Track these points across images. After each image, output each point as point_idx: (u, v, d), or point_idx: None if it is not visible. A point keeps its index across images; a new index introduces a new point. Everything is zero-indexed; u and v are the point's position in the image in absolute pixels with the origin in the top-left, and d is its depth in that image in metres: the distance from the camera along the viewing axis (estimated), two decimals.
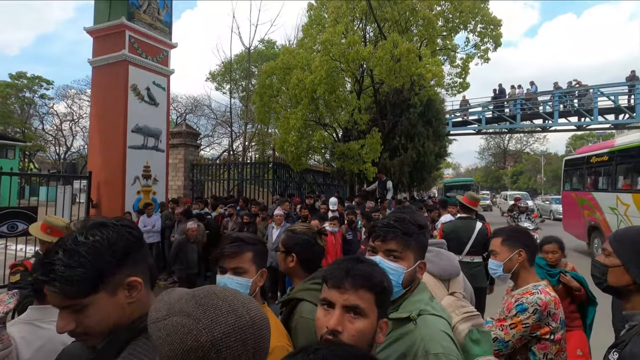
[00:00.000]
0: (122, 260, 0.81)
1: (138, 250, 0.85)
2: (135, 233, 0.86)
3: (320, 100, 8.95)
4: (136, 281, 0.83)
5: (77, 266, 0.76)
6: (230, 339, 0.59)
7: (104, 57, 8.34)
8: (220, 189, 10.97)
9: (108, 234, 0.81)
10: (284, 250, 1.67)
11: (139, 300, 0.84)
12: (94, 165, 8.51)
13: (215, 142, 29.24)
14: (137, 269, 0.85)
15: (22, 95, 32.24)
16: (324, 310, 0.91)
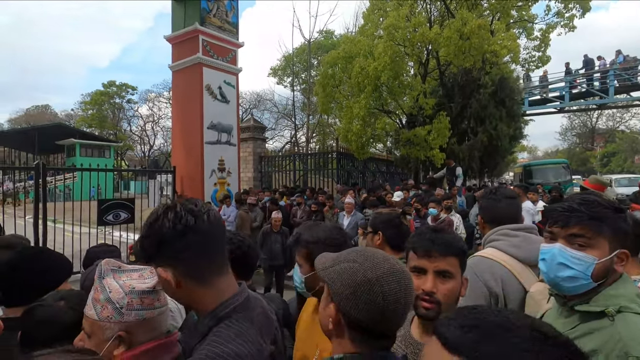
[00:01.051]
0: (154, 250, 0.85)
1: (171, 244, 0.83)
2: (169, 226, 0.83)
3: (383, 87, 8.80)
4: (160, 273, 0.85)
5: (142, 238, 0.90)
6: (389, 277, 0.76)
7: (181, 62, 9.12)
8: (287, 179, 11.43)
9: (151, 221, 0.86)
10: (371, 230, 1.77)
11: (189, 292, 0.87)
12: (177, 161, 9.44)
13: (278, 134, 30.40)
14: (171, 262, 0.84)
15: (113, 101, 36.69)
16: (415, 276, 1.03)
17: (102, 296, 0.97)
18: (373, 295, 0.75)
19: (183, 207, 0.85)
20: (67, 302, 1.15)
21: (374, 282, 0.76)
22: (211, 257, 0.88)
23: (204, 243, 0.86)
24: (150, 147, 36.78)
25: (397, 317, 0.77)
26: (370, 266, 0.78)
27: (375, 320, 0.75)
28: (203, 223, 0.85)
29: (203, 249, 0.86)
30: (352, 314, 0.76)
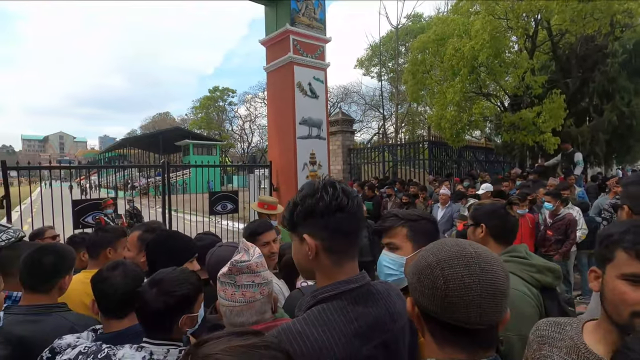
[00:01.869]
0: (304, 216, 0.90)
1: (322, 216, 0.88)
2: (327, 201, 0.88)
3: (481, 68, 8.01)
4: (307, 240, 0.89)
5: (288, 206, 0.95)
6: (453, 261, 0.73)
7: (275, 63, 9.70)
8: (376, 171, 11.33)
9: (309, 191, 0.92)
10: (472, 222, 1.65)
11: (322, 263, 0.91)
12: (273, 156, 10.14)
13: (366, 126, 30.25)
14: (318, 231, 0.90)
15: (217, 104, 41.07)
16: (630, 284, 0.83)
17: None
18: (434, 279, 0.73)
19: (340, 186, 0.91)
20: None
21: (434, 266, 0.74)
22: (350, 239, 0.92)
23: (348, 224, 0.90)
24: (248, 144, 40.24)
25: (469, 307, 0.69)
26: (433, 250, 0.77)
27: (438, 306, 0.72)
28: (353, 206, 0.90)
29: (346, 229, 0.90)
30: (420, 301, 0.76)
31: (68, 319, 1.47)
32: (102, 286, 1.32)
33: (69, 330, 1.43)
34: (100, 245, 2.00)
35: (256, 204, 3.35)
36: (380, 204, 7.49)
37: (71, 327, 1.46)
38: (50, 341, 1.36)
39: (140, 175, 23.36)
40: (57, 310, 1.48)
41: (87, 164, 17.63)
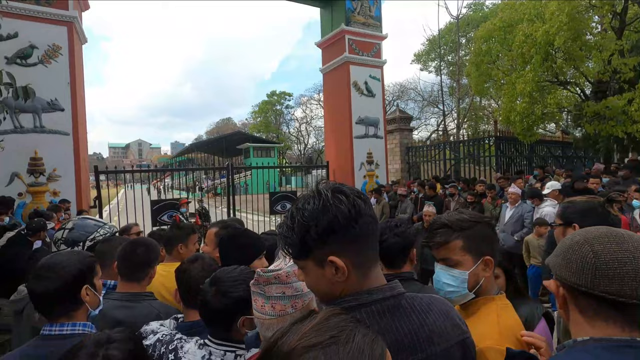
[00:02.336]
0: (324, 237, 0.75)
1: (346, 230, 0.75)
2: (345, 211, 0.75)
3: (558, 54, 7.24)
4: (336, 262, 0.76)
5: (290, 230, 0.79)
6: (603, 239, 0.75)
7: (330, 63, 9.77)
8: (436, 169, 10.85)
9: (317, 206, 0.76)
10: (562, 222, 1.48)
11: (350, 281, 0.78)
12: (329, 156, 10.22)
13: (424, 123, 29.14)
14: (343, 249, 0.76)
15: (274, 108, 42.56)
16: None
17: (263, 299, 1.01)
18: (583, 254, 0.75)
19: (348, 189, 0.79)
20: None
21: (582, 243, 0.76)
22: (374, 244, 0.82)
23: (371, 229, 0.79)
24: (305, 146, 41.07)
25: (623, 280, 0.70)
26: (580, 232, 0.79)
27: (588, 279, 0.73)
28: (369, 207, 0.80)
29: (370, 235, 0.79)
30: (566, 277, 0.77)
31: (154, 307, 1.62)
32: (183, 277, 1.42)
33: (155, 317, 1.56)
34: (174, 241, 2.17)
35: None
36: (442, 203, 7.14)
37: (157, 314, 1.59)
38: (140, 325, 1.49)
39: (207, 177, 25.08)
40: (146, 298, 1.63)
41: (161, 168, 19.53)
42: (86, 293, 1.22)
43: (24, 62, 5.81)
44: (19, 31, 5.70)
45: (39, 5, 5.89)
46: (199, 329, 1.30)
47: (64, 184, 6.08)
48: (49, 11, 5.98)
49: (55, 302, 1.17)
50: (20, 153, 5.72)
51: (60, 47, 6.08)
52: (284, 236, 0.81)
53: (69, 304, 1.19)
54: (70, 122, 6.14)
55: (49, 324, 1.17)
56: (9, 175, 5.73)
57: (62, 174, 6.07)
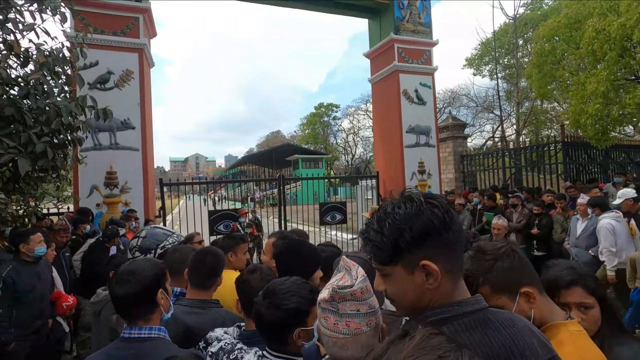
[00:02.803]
0: (418, 240, 0.76)
1: (440, 235, 0.76)
2: (440, 215, 0.76)
3: (637, 48, 6.50)
4: (430, 266, 0.75)
5: (379, 234, 0.79)
6: None
7: (379, 73, 9.71)
8: (494, 178, 10.19)
9: (410, 210, 0.77)
10: None
11: (441, 289, 0.78)
12: (379, 166, 10.08)
13: (478, 131, 27.72)
14: (437, 254, 0.77)
15: (322, 120, 43.21)
16: None
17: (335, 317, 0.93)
18: None
19: (439, 197, 0.80)
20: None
21: None
22: (461, 254, 0.82)
23: (459, 237, 0.80)
24: (352, 156, 41.04)
25: None
26: None
27: None
28: (457, 217, 0.81)
29: (458, 243, 0.79)
30: None
31: (221, 314, 1.67)
32: (243, 287, 1.45)
33: (221, 324, 1.61)
34: (225, 250, 2.21)
35: (368, 214, 3.31)
36: (504, 214, 6.66)
37: (223, 321, 1.64)
38: (206, 330, 1.54)
39: (258, 189, 26.00)
40: (213, 305, 1.69)
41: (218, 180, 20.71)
42: (161, 297, 1.29)
43: (102, 86, 6.51)
44: (99, 60, 6.41)
45: (116, 36, 6.59)
46: (259, 338, 1.32)
47: (134, 196, 6.63)
48: (123, 40, 6.66)
49: (135, 305, 1.25)
50: (98, 168, 6.36)
51: (132, 71, 6.72)
52: (371, 240, 0.80)
53: (147, 307, 1.27)
54: (139, 139, 6.72)
55: (128, 327, 1.25)
56: (89, 188, 6.38)
57: (133, 186, 6.63)
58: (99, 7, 6.43)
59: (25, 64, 3.49)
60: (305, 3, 9.01)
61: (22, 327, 2.93)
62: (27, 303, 2.97)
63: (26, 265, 3.04)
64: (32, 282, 3.03)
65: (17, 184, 3.85)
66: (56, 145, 3.68)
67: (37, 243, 3.05)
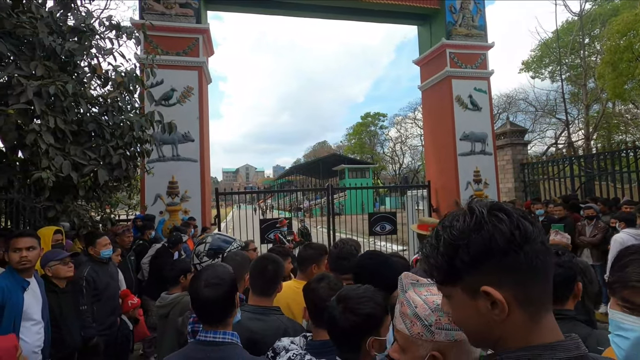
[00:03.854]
0: (477, 261, 0.64)
1: (505, 255, 0.62)
2: (506, 232, 0.62)
3: None
4: (492, 294, 0.62)
5: (435, 250, 0.69)
6: None
7: (430, 80, 9.44)
8: (560, 188, 9.34)
9: (469, 224, 0.65)
10: None
11: (512, 323, 0.64)
12: (431, 175, 9.72)
13: (537, 137, 25.75)
14: (503, 279, 0.63)
15: (369, 130, 42.98)
16: None
17: (409, 311, 0.93)
18: None
19: (514, 210, 0.66)
20: None
21: None
22: (548, 280, 0.65)
23: (542, 260, 0.63)
24: (400, 166, 40.18)
25: None
26: None
27: None
28: (539, 233, 0.64)
29: (537, 267, 0.63)
30: None
31: (283, 321, 1.67)
32: (311, 296, 1.44)
33: (284, 332, 1.61)
34: (309, 261, 2.22)
35: (416, 226, 3.15)
36: (574, 227, 6.06)
37: (285, 329, 1.64)
38: (269, 337, 1.54)
39: (305, 198, 26.37)
40: (275, 312, 1.70)
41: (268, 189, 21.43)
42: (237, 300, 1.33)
43: (166, 102, 7.05)
44: (164, 78, 6.96)
45: (178, 56, 7.13)
46: (327, 349, 1.29)
47: (193, 204, 7.04)
48: (185, 59, 7.18)
49: (220, 308, 1.29)
50: (162, 178, 6.85)
51: (192, 88, 7.21)
52: (427, 256, 0.71)
53: (229, 310, 1.31)
54: (198, 151, 7.15)
55: (204, 331, 1.28)
56: (153, 196, 6.89)
57: (192, 195, 7.04)
58: (165, 30, 7.02)
59: (105, 84, 3.88)
60: (354, 15, 9.09)
61: (100, 323, 3.20)
62: (103, 300, 3.25)
63: (101, 266, 3.32)
64: (107, 280, 3.31)
65: (95, 192, 4.26)
66: (128, 157, 4.02)
67: (102, 246, 3.33)
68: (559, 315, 1.27)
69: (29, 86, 2.79)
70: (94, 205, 5.39)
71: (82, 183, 3.49)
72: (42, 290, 2.63)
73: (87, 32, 3.61)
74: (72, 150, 3.28)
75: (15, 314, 2.35)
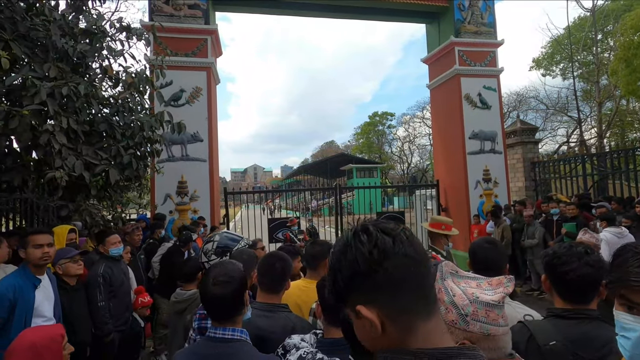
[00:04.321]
0: (348, 284, 0.66)
1: (367, 276, 0.64)
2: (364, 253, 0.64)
3: None
4: (361, 312, 0.65)
5: (328, 275, 0.73)
6: None
7: (439, 78, 9.37)
8: (571, 187, 9.18)
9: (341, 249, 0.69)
10: None
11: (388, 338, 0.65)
12: (439, 174, 9.65)
13: (548, 135, 25.35)
14: (371, 298, 0.65)
15: (376, 129, 42.80)
16: None
17: (446, 298, 0.96)
18: None
19: (377, 226, 0.68)
20: None
21: None
22: (415, 291, 0.66)
23: (405, 272, 0.65)
24: (408, 165, 39.94)
25: None
26: None
27: None
28: (402, 246, 0.65)
29: (402, 281, 0.65)
30: None
31: (291, 319, 1.68)
32: (324, 293, 1.43)
33: (292, 330, 1.61)
34: (319, 258, 2.20)
35: (428, 224, 3.15)
36: (586, 227, 5.95)
37: (293, 326, 1.64)
38: (277, 334, 1.55)
39: (313, 198, 26.39)
40: (282, 310, 1.71)
41: (277, 189, 21.53)
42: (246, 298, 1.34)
43: (175, 103, 7.12)
44: (173, 79, 7.04)
45: (187, 57, 7.20)
46: (340, 347, 1.29)
47: (202, 204, 7.10)
48: (194, 60, 7.25)
49: (230, 306, 1.30)
50: (171, 178, 6.93)
51: (201, 88, 7.27)
52: (328, 281, 0.73)
53: (238, 308, 1.32)
54: (207, 151, 7.21)
55: (214, 328, 1.30)
56: (163, 196, 6.97)
57: (200, 195, 7.10)
58: (174, 31, 7.09)
59: (116, 85, 3.94)
60: (362, 14, 9.06)
61: (117, 319, 3.27)
62: (119, 297, 3.30)
63: (114, 263, 3.38)
64: (121, 277, 3.36)
65: (107, 192, 4.33)
66: (139, 157, 4.08)
67: (111, 244, 3.38)
68: (583, 315, 1.25)
69: (42, 87, 2.85)
70: (105, 204, 5.47)
71: (94, 182, 3.56)
72: (55, 287, 2.69)
73: (98, 34, 3.67)
74: (84, 150, 3.35)
75: (26, 311, 2.40)
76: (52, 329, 1.64)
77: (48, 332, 1.54)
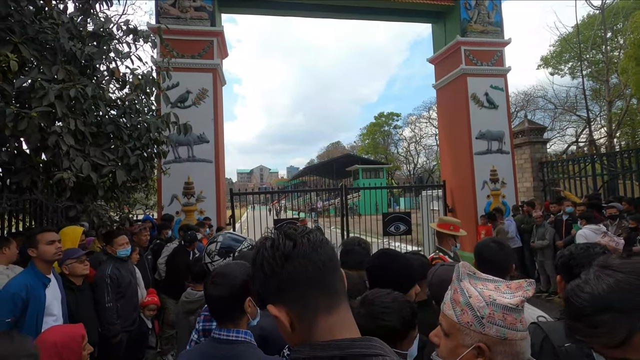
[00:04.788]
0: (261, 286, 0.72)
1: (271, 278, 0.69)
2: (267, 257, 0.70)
3: None
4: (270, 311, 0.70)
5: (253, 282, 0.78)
6: None
7: (445, 78, 9.31)
8: (581, 187, 9.05)
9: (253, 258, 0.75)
10: None
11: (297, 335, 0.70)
12: (446, 174, 9.58)
13: (557, 135, 25.04)
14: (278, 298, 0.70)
15: (382, 130, 42.68)
16: None
17: (462, 299, 0.95)
18: None
19: (281, 232, 0.74)
20: None
21: None
22: (316, 289, 0.70)
23: (305, 272, 0.69)
24: (414, 166, 39.75)
25: None
26: None
27: None
28: (303, 247, 0.70)
29: (305, 279, 0.69)
30: None
31: None
32: None
33: None
34: None
35: (436, 224, 3.13)
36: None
37: None
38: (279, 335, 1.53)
39: (319, 199, 26.39)
40: None
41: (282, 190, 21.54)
42: (248, 305, 1.33)
43: (182, 105, 7.17)
44: (180, 81, 7.09)
45: (193, 59, 7.25)
46: None
47: (208, 204, 7.13)
48: (200, 62, 7.29)
49: (225, 307, 1.30)
50: (178, 179, 6.97)
51: (207, 90, 7.31)
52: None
53: (235, 311, 1.31)
54: (213, 152, 7.24)
55: (218, 329, 1.30)
56: (170, 197, 7.01)
57: (207, 196, 7.14)
58: (180, 33, 7.15)
59: (123, 87, 3.98)
60: (367, 14, 9.05)
61: (125, 319, 3.29)
62: (127, 297, 3.33)
63: (122, 264, 3.40)
64: (128, 278, 3.39)
65: (114, 193, 4.37)
66: (145, 158, 4.11)
67: (119, 245, 3.39)
68: None
69: (50, 90, 2.88)
70: (112, 205, 5.53)
71: (101, 183, 3.59)
72: (61, 286, 2.72)
73: (105, 37, 3.71)
74: (92, 152, 3.38)
75: (38, 309, 2.43)
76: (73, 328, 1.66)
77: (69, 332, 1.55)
